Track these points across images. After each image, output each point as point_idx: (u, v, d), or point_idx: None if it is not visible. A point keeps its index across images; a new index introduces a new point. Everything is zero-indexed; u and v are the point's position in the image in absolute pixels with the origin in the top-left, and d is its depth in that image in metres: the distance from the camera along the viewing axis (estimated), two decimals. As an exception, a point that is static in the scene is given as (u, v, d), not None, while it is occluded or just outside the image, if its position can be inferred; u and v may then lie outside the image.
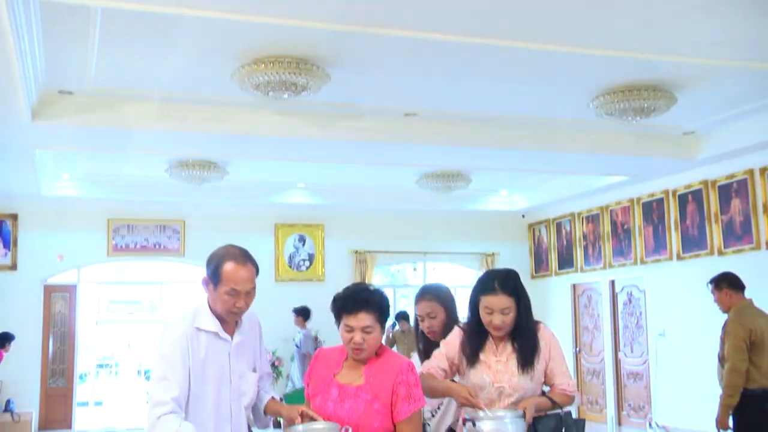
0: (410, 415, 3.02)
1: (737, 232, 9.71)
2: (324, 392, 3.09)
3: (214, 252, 3.13)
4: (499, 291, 3.41)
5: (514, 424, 3.08)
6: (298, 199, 12.68)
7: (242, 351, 3.17)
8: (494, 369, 3.41)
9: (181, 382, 2.95)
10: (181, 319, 3.12)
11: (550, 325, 12.80)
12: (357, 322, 3.04)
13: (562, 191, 12.57)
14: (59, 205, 11.88)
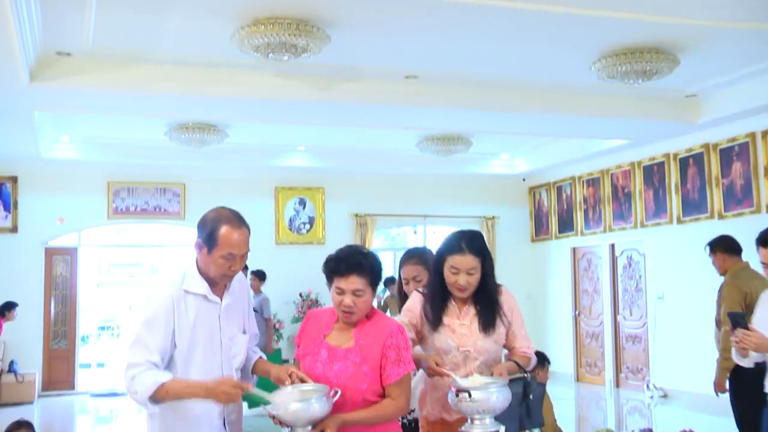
0: (400, 378, 3.02)
1: (738, 196, 9.71)
2: (314, 353, 3.09)
3: (207, 215, 3.07)
4: (466, 251, 3.36)
5: (501, 393, 3.09)
6: (298, 162, 12.67)
7: (232, 313, 3.15)
8: (459, 333, 3.39)
9: (161, 345, 2.93)
10: (168, 281, 3.08)
11: (550, 289, 12.93)
12: (348, 284, 3.02)
13: (562, 155, 12.55)
14: (59, 167, 11.87)
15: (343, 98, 8.42)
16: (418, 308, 3.45)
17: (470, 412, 3.06)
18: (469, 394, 3.01)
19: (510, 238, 14.10)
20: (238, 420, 3.21)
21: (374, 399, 3.01)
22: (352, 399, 2.97)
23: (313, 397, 2.84)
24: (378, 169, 12.99)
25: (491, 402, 3.03)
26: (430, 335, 3.40)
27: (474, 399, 3.01)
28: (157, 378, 2.83)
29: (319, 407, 2.83)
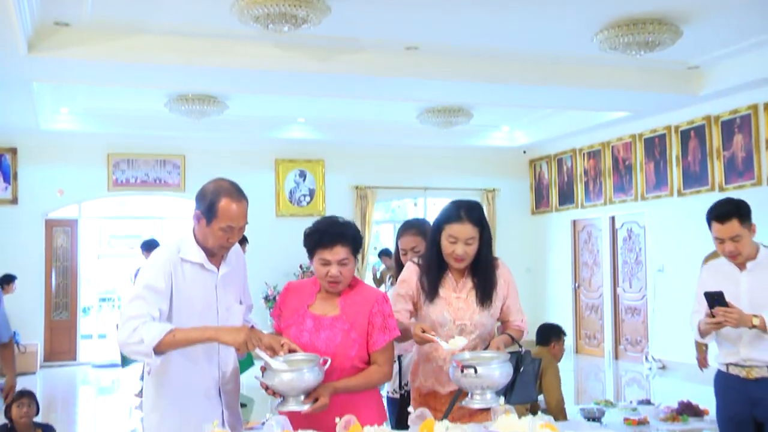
0: (385, 345, 3.10)
1: (739, 168, 9.70)
2: (298, 323, 3.12)
3: (206, 187, 3.05)
4: (465, 219, 3.29)
5: (504, 368, 3.09)
6: (298, 134, 12.64)
7: (229, 283, 3.15)
8: (455, 306, 3.36)
9: (161, 304, 2.91)
10: (165, 249, 3.09)
11: (549, 262, 12.95)
12: (333, 255, 3.05)
13: (563, 127, 12.51)
14: (59, 139, 11.84)
15: (343, 70, 8.38)
16: (414, 279, 3.40)
17: (472, 387, 3.06)
18: (475, 369, 3.00)
19: (510, 211, 14.09)
20: (235, 391, 3.22)
21: (361, 365, 3.08)
22: (341, 366, 3.02)
23: (305, 366, 2.86)
24: (378, 141, 12.96)
25: (494, 378, 3.03)
26: (426, 307, 3.37)
27: (479, 375, 3.01)
28: (165, 326, 2.83)
29: (312, 376, 2.85)
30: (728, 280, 3.77)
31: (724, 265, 3.85)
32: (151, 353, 2.79)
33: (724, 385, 3.87)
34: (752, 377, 3.70)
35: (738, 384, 3.76)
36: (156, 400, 3.04)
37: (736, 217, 3.69)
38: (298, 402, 2.89)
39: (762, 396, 3.67)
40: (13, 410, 5.15)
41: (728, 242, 3.70)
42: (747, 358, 3.69)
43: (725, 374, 3.85)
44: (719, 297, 3.59)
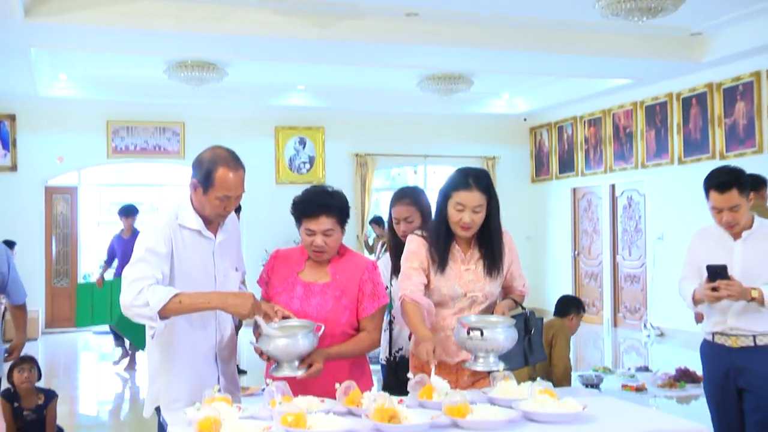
0: (374, 312, 3.15)
1: (740, 136, 9.67)
2: (288, 290, 3.14)
3: (203, 155, 3.01)
4: (473, 187, 3.23)
5: (509, 332, 3.10)
6: (298, 102, 12.59)
7: (225, 250, 3.14)
8: (465, 279, 3.31)
9: (164, 267, 2.89)
10: (163, 214, 3.07)
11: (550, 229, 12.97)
12: (318, 225, 3.06)
13: (564, 94, 12.45)
14: (57, 106, 11.80)
15: (343, 36, 8.32)
16: (423, 252, 3.32)
17: (477, 349, 3.07)
18: (482, 332, 3.02)
19: (510, 179, 14.06)
20: (231, 357, 3.22)
21: (351, 332, 3.14)
22: (332, 332, 3.06)
23: (300, 332, 2.90)
24: (378, 108, 12.90)
25: (499, 342, 3.05)
26: (437, 280, 3.31)
27: (485, 338, 3.03)
28: (170, 289, 2.82)
29: (306, 342, 2.89)
30: (722, 249, 3.75)
31: (718, 233, 3.81)
32: (155, 317, 2.78)
33: (710, 353, 3.88)
34: (737, 346, 3.70)
35: (723, 353, 3.77)
36: (161, 366, 3.03)
37: (736, 186, 3.64)
38: (293, 367, 2.92)
39: (745, 365, 3.69)
40: (14, 375, 5.20)
41: (726, 212, 3.66)
42: (734, 327, 3.70)
43: (711, 343, 3.85)
44: (722, 270, 3.56)
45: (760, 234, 3.72)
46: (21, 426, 5.20)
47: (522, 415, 2.69)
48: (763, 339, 3.66)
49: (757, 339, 3.67)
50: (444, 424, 2.61)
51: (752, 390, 3.67)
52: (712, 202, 3.70)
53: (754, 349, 3.67)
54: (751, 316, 3.65)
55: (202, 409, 2.53)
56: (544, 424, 2.65)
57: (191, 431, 2.46)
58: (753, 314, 3.64)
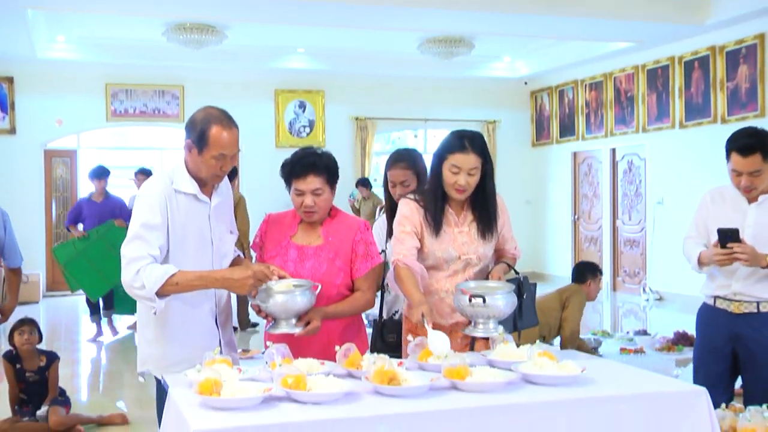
0: (368, 272, 3.19)
1: (742, 100, 9.62)
2: (282, 254, 3.17)
3: (196, 116, 2.99)
4: (469, 149, 3.24)
5: (509, 298, 3.12)
6: (298, 65, 12.51)
7: (220, 213, 3.13)
8: (459, 241, 3.33)
9: (160, 240, 2.88)
10: (157, 180, 3.02)
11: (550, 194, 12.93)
12: (306, 185, 3.09)
13: (565, 58, 12.36)
14: (55, 68, 11.72)
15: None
16: (417, 216, 3.33)
17: (477, 316, 3.09)
18: (484, 299, 3.03)
19: (510, 143, 14.03)
20: (228, 321, 3.24)
21: (346, 292, 3.20)
22: (327, 293, 3.10)
23: (298, 290, 2.92)
24: (379, 71, 12.82)
25: (500, 308, 3.08)
26: (430, 243, 3.32)
27: (487, 304, 3.04)
28: (166, 270, 2.82)
29: (304, 299, 2.93)
30: (735, 211, 3.65)
31: (732, 194, 3.69)
32: (153, 298, 2.80)
33: (709, 318, 3.81)
34: (739, 312, 3.65)
35: (724, 318, 3.71)
36: (160, 332, 3.02)
37: (760, 151, 3.48)
38: (290, 325, 2.95)
39: (746, 331, 3.63)
40: (15, 338, 5.26)
41: (746, 176, 3.53)
42: (738, 292, 3.63)
43: (711, 308, 3.78)
44: (734, 234, 3.47)
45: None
46: (23, 387, 5.26)
47: (521, 378, 2.71)
48: (766, 306, 3.60)
49: (760, 306, 3.61)
50: (443, 387, 2.62)
51: (752, 358, 3.62)
52: (732, 164, 3.56)
53: (756, 316, 3.61)
54: (756, 282, 3.59)
55: (202, 371, 2.54)
56: (543, 386, 2.66)
57: (192, 392, 2.47)
58: (759, 280, 3.58)
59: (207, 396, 2.39)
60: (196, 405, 2.41)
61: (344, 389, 2.48)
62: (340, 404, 2.44)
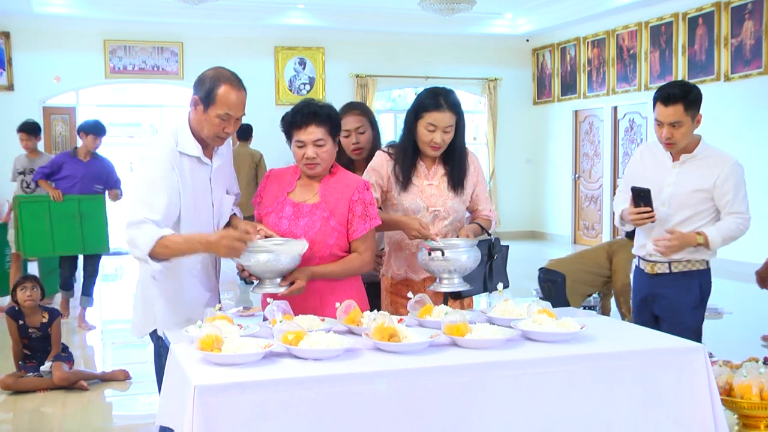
0: (366, 233, 3.08)
1: (746, 56, 9.54)
2: (277, 210, 3.10)
3: (206, 73, 2.97)
4: (445, 107, 3.25)
5: (472, 252, 3.12)
6: (297, 21, 12.39)
7: (220, 175, 3.12)
8: (427, 193, 3.35)
9: (164, 205, 2.85)
10: (163, 141, 2.99)
11: (551, 152, 12.88)
12: (307, 136, 3.01)
13: (568, 14, 12.24)
14: (53, 23, 11.62)
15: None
16: (385, 169, 3.36)
17: (440, 270, 3.11)
18: (442, 252, 3.05)
19: (512, 101, 13.95)
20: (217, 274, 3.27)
21: (341, 253, 3.08)
22: (320, 253, 3.02)
23: (281, 248, 2.87)
24: (379, 28, 12.72)
25: (462, 261, 3.09)
26: (399, 196, 3.35)
27: (446, 258, 3.06)
28: (157, 233, 2.80)
29: (288, 259, 2.86)
30: (658, 169, 3.62)
31: (660, 152, 3.66)
32: (147, 259, 2.79)
33: (636, 278, 3.84)
34: (654, 272, 3.64)
35: (644, 279, 3.72)
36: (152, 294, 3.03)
37: (682, 101, 3.44)
38: (275, 284, 2.90)
39: (660, 291, 3.63)
40: (18, 294, 5.30)
41: (667, 127, 3.48)
42: (652, 252, 3.60)
43: (637, 268, 3.81)
44: (645, 195, 3.44)
45: (698, 160, 3.56)
46: (27, 343, 5.32)
47: (521, 335, 2.73)
48: (677, 266, 3.59)
49: (672, 266, 3.59)
50: (443, 343, 2.64)
51: (665, 318, 3.61)
52: (656, 114, 3.52)
53: (669, 276, 3.61)
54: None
55: (203, 327, 2.55)
56: (542, 343, 2.68)
57: (193, 348, 2.49)
58: None
59: (208, 352, 2.41)
60: (197, 361, 2.43)
61: (344, 346, 2.50)
62: (340, 360, 2.46)
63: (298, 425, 2.29)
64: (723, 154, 3.59)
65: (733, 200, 3.50)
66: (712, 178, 3.51)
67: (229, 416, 2.23)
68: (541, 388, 2.50)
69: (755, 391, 3.17)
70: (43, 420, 4.87)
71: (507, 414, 2.47)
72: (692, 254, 3.56)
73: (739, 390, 3.21)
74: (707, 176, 3.52)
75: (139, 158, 3.03)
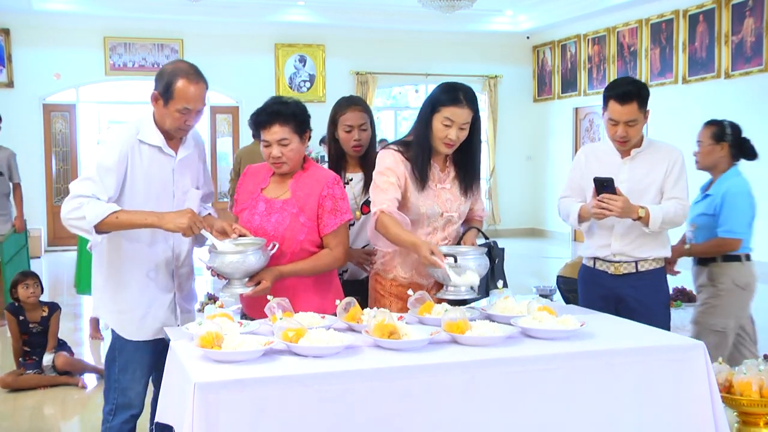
0: (336, 228, 3.07)
1: (747, 54, 9.53)
2: (251, 207, 3.12)
3: (165, 68, 3.00)
4: (464, 103, 3.13)
5: (482, 260, 3.10)
6: (298, 18, 12.38)
7: (186, 167, 3.11)
8: (443, 198, 3.25)
9: (111, 189, 2.89)
10: (124, 129, 3.04)
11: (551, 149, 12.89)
12: (272, 135, 3.01)
13: (568, 11, 12.23)
14: (53, 20, 11.61)
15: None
16: (402, 168, 3.19)
17: (448, 279, 3.01)
18: (455, 259, 2.96)
19: (512, 98, 13.95)
20: (189, 276, 3.23)
21: (313, 249, 3.07)
22: (291, 250, 3.03)
23: (249, 249, 2.87)
24: (380, 25, 12.71)
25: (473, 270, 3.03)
26: (415, 198, 3.22)
27: (459, 266, 3.01)
28: (110, 206, 2.83)
29: (255, 259, 2.86)
30: (608, 166, 3.56)
31: (605, 150, 3.64)
32: (91, 230, 2.82)
33: (590, 280, 3.69)
34: (619, 273, 3.56)
35: (605, 280, 3.60)
36: (105, 279, 3.07)
37: (637, 99, 3.45)
38: (242, 284, 2.91)
39: (627, 292, 3.54)
40: (19, 291, 5.31)
41: (622, 126, 3.48)
42: (617, 252, 3.53)
43: (591, 270, 3.67)
44: (609, 183, 3.39)
45: (647, 153, 3.55)
46: (27, 339, 5.34)
47: (520, 332, 2.72)
48: (644, 265, 3.54)
49: (639, 265, 3.54)
50: (443, 341, 2.64)
51: (633, 317, 3.42)
52: (609, 113, 3.51)
53: (635, 276, 3.54)
54: (634, 241, 3.52)
55: (204, 324, 2.55)
56: (542, 340, 2.68)
57: (193, 345, 2.49)
58: (636, 239, 3.51)
59: (208, 349, 2.41)
60: (197, 358, 2.44)
61: (345, 342, 2.50)
62: (340, 357, 2.46)
63: (298, 422, 2.29)
64: (668, 145, 3.63)
65: (674, 185, 3.51)
66: (663, 167, 3.53)
67: (230, 413, 2.23)
68: (541, 385, 2.51)
69: (755, 389, 3.17)
70: (43, 418, 4.88)
71: (507, 411, 2.47)
72: (653, 251, 3.55)
73: (738, 387, 3.20)
74: (658, 168, 3.53)
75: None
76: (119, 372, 3.06)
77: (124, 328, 3.06)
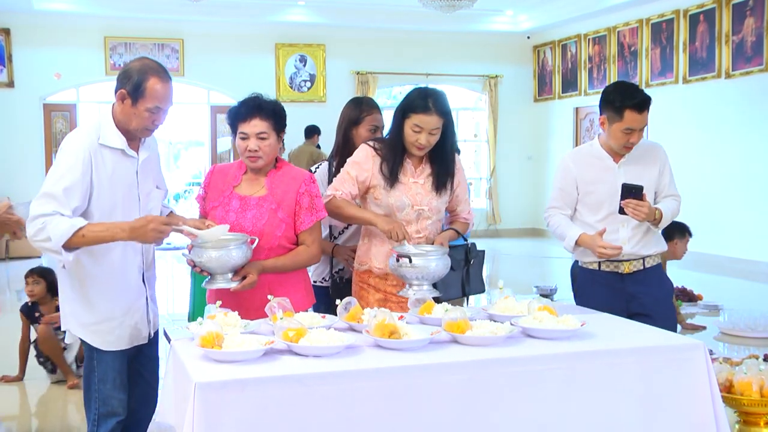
0: (312, 225, 3.13)
1: (747, 53, 9.53)
2: (224, 204, 3.11)
3: (132, 65, 2.91)
4: (432, 110, 3.21)
5: (441, 260, 3.12)
6: (298, 17, 12.39)
7: (148, 168, 3.05)
8: (413, 191, 3.33)
9: (75, 200, 2.79)
10: (82, 134, 2.91)
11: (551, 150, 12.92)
12: (251, 128, 3.03)
13: (569, 11, 12.24)
14: (53, 20, 11.62)
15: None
16: (370, 164, 3.32)
17: (410, 277, 3.10)
18: (410, 259, 3.04)
19: (512, 98, 13.95)
20: (154, 276, 3.20)
21: (289, 245, 3.12)
22: (268, 245, 3.06)
23: (233, 243, 2.88)
24: (380, 25, 12.72)
25: (430, 269, 3.08)
26: (385, 192, 3.32)
27: (414, 265, 3.05)
28: (73, 223, 2.73)
29: (239, 254, 2.89)
30: (602, 171, 3.59)
31: (596, 155, 3.63)
32: (60, 250, 2.72)
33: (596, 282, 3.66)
34: (629, 271, 3.59)
35: (613, 280, 3.60)
36: (72, 291, 2.98)
37: (648, 105, 3.55)
38: (227, 279, 2.92)
39: (638, 288, 3.58)
40: (27, 288, 5.33)
41: (637, 133, 3.50)
42: (627, 254, 3.55)
43: (596, 272, 3.64)
44: (638, 190, 3.41)
45: (636, 154, 3.59)
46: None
47: (521, 332, 2.72)
48: (650, 261, 3.61)
49: (646, 261, 3.60)
50: (444, 340, 2.64)
51: (648, 314, 3.50)
52: (627, 123, 3.48)
53: (643, 272, 3.60)
54: (640, 241, 3.57)
55: (204, 324, 2.55)
56: (542, 340, 2.68)
57: (194, 345, 2.49)
58: (642, 238, 3.58)
59: (209, 349, 2.41)
60: (198, 358, 2.43)
61: (345, 342, 2.50)
62: (340, 357, 2.46)
63: (299, 422, 2.29)
64: (650, 142, 3.72)
65: (669, 184, 3.68)
66: (656, 167, 3.64)
67: (230, 413, 2.23)
68: (541, 385, 2.50)
69: (755, 388, 3.18)
70: (47, 415, 4.88)
71: (507, 411, 2.47)
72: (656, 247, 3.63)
73: (739, 387, 3.21)
74: (651, 168, 3.63)
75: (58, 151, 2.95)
76: (99, 382, 2.99)
77: (101, 339, 2.96)
